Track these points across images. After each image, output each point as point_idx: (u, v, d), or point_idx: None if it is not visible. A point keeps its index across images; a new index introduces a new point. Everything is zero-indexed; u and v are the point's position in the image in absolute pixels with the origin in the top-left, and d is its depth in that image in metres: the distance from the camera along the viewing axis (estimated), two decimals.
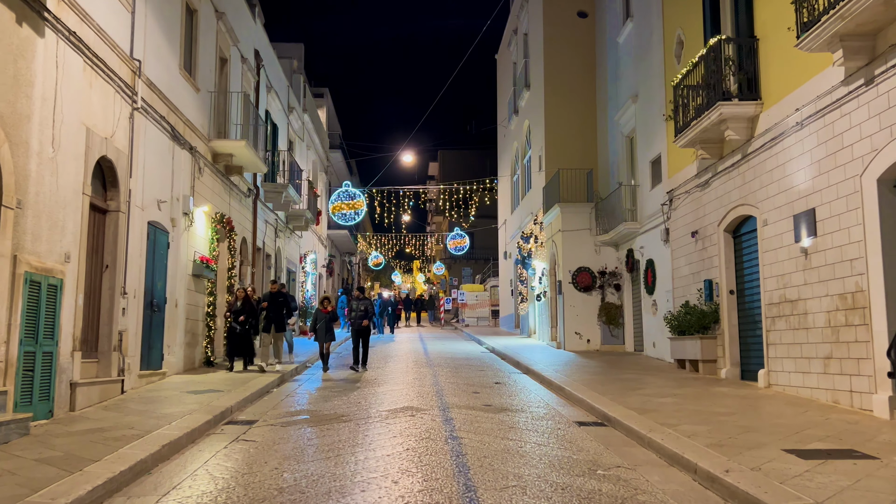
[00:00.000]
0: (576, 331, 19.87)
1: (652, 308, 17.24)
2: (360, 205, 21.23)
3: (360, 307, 15.57)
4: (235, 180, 17.51)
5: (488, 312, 39.35)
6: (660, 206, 16.44)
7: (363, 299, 15.96)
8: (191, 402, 9.88)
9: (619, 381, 12.59)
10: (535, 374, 14.29)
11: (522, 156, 27.96)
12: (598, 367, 15.04)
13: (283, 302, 15.22)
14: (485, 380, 13.71)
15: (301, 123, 27.36)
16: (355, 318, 15.40)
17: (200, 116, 14.79)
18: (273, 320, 14.88)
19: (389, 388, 12.36)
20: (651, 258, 17.26)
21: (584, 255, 20.14)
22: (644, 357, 17.42)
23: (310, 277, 29.67)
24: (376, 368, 15.74)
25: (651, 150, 17.32)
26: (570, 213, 20.25)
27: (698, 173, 14.13)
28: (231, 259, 16.77)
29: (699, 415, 8.89)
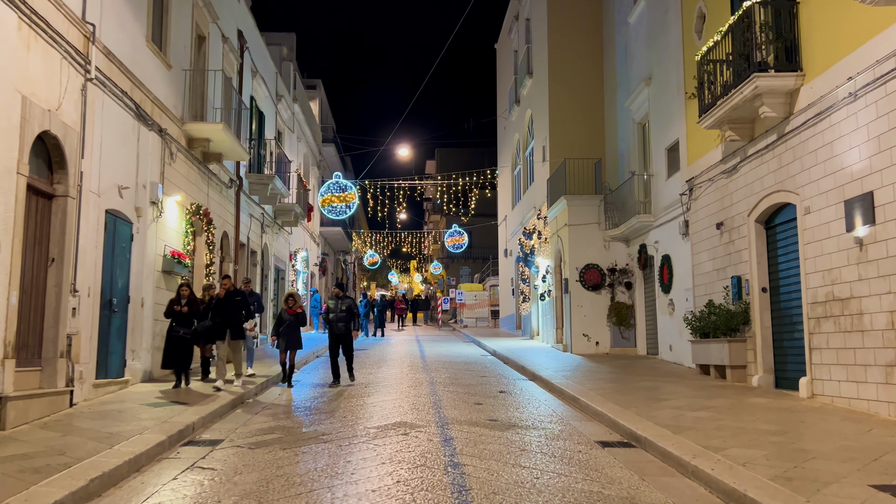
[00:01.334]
0: (583, 332, 18.47)
1: (668, 308, 15.85)
2: (352, 197, 19.81)
3: (340, 308, 13.03)
4: (215, 169, 16.08)
5: (488, 313, 37.96)
6: (677, 197, 15.05)
7: (345, 298, 13.34)
8: (147, 418, 8.46)
9: (639, 389, 11.19)
10: (542, 381, 12.89)
11: (524, 147, 26.56)
12: (611, 373, 13.64)
13: (241, 302, 12.09)
14: (487, 388, 12.31)
15: (291, 113, 25.94)
16: (335, 321, 12.94)
17: (172, 96, 13.37)
18: (228, 325, 11.78)
19: (380, 398, 10.94)
20: (667, 253, 15.87)
21: (593, 252, 18.74)
22: (659, 361, 16.02)
23: (301, 276, 28.24)
24: (367, 374, 14.32)
25: (667, 136, 15.93)
26: (577, 206, 18.85)
27: (724, 158, 12.75)
28: (209, 255, 15.35)
29: (745, 434, 7.49)
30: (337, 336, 12.96)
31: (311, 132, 30.76)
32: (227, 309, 11.88)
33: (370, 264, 48.43)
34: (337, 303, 13.18)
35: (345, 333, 12.92)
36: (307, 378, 13.80)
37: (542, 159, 22.61)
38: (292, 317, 12.48)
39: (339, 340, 12.94)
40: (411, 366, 16.11)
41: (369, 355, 18.96)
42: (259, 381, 12.13)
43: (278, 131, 24.17)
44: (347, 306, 13.07)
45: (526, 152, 26.29)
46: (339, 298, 13.26)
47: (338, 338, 12.95)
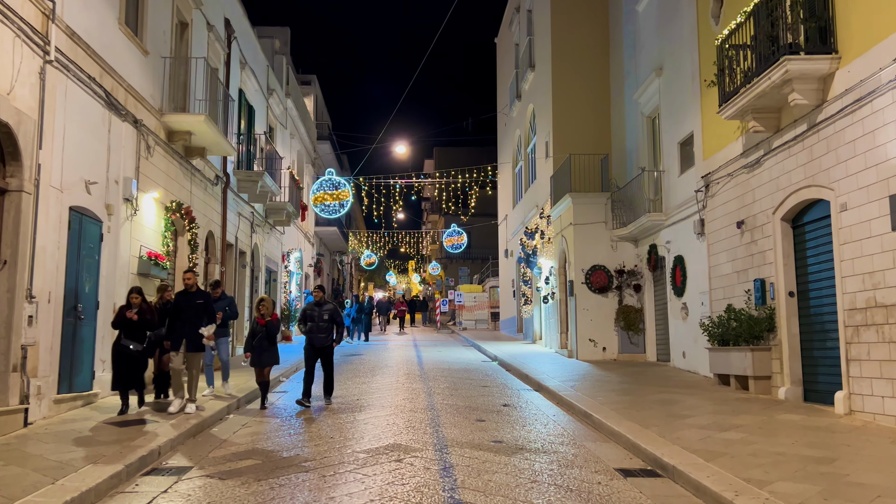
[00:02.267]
0: (590, 337, 17.51)
1: (681, 312, 14.90)
2: (346, 195, 18.81)
3: (321, 315, 10.95)
4: (199, 165, 15.11)
5: (487, 315, 37.00)
6: (691, 194, 14.10)
7: (326, 303, 11.22)
8: (107, 441, 7.49)
9: (656, 403, 10.23)
10: (549, 393, 11.93)
11: (526, 144, 25.60)
12: (622, 383, 12.69)
13: (203, 307, 9.77)
14: (490, 400, 11.34)
15: (283, 108, 24.97)
16: (314, 332, 10.88)
17: (150, 85, 12.40)
18: (184, 334, 9.55)
19: (373, 413, 9.97)
20: (680, 254, 14.92)
21: (599, 252, 17.78)
22: (672, 370, 15.06)
23: (294, 277, 27.25)
24: (360, 384, 13.35)
25: (680, 129, 14.98)
26: (582, 204, 17.89)
27: (745, 151, 11.80)
28: (192, 255, 14.37)
29: (787, 462, 6.54)
30: (316, 349, 10.93)
31: (305, 129, 29.80)
32: (186, 313, 9.66)
33: (367, 265, 47.41)
34: (316, 309, 11.03)
35: (326, 346, 10.93)
36: (295, 389, 12.82)
37: (544, 156, 21.65)
38: (265, 327, 10.63)
39: (318, 354, 10.96)
40: (408, 374, 15.14)
41: (363, 362, 18.00)
42: (241, 395, 11.16)
43: (270, 127, 23.19)
44: (329, 313, 11.00)
45: (528, 149, 25.33)
46: (319, 304, 11.11)
47: (317, 351, 10.94)
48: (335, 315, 11.09)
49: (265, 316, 10.68)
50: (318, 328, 10.87)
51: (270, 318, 10.72)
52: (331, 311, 11.08)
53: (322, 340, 10.88)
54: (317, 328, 10.88)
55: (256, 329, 10.72)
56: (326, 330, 10.91)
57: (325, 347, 10.95)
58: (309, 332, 10.97)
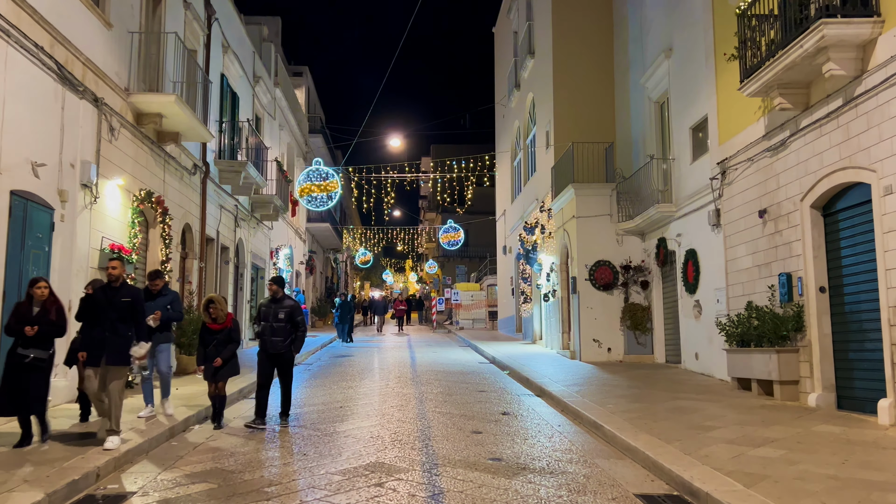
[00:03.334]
0: (594, 337, 16.42)
1: (694, 310, 13.82)
2: (335, 186, 17.66)
3: (276, 314, 8.99)
4: (174, 152, 14.01)
5: (485, 314, 35.89)
6: (705, 183, 13.03)
7: (285, 299, 9.16)
8: (38, 460, 6.39)
9: (674, 412, 9.15)
10: (552, 399, 10.85)
11: (525, 135, 24.51)
12: (632, 388, 11.61)
13: (129, 307, 7.41)
14: (487, 407, 10.25)
15: (272, 98, 23.85)
16: (268, 335, 8.94)
17: (115, 62, 11.29)
18: (101, 345, 7.23)
19: (355, 423, 8.88)
20: (692, 248, 13.84)
21: (604, 247, 16.70)
22: (684, 372, 13.98)
23: (283, 275, 26.13)
24: (346, 388, 12.26)
25: (692, 113, 13.90)
26: (586, 195, 16.80)
27: (767, 133, 10.72)
28: (165, 250, 13.27)
29: (845, 487, 5.46)
30: (271, 357, 8.95)
31: (295, 121, 28.68)
32: (106, 315, 7.29)
33: (362, 263, 46.30)
34: (272, 307, 9.03)
35: (282, 353, 8.95)
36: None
37: (545, 146, 20.57)
38: (218, 333, 8.68)
39: (273, 363, 8.99)
40: (399, 377, 14.05)
41: (352, 364, 16.90)
42: (192, 414, 10.04)
43: (257, 116, 22.08)
44: (287, 313, 8.97)
45: (527, 140, 24.25)
46: (275, 300, 9.08)
47: (272, 359, 8.95)
48: (294, 314, 9.02)
49: (218, 320, 8.70)
50: (272, 330, 8.91)
51: (225, 321, 8.75)
52: (289, 309, 9.01)
53: (277, 345, 8.90)
54: (271, 330, 8.91)
55: (207, 337, 8.73)
56: (283, 332, 8.91)
57: (281, 355, 8.97)
58: (262, 334, 9.01)
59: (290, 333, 9.01)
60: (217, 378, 8.66)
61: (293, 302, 9.23)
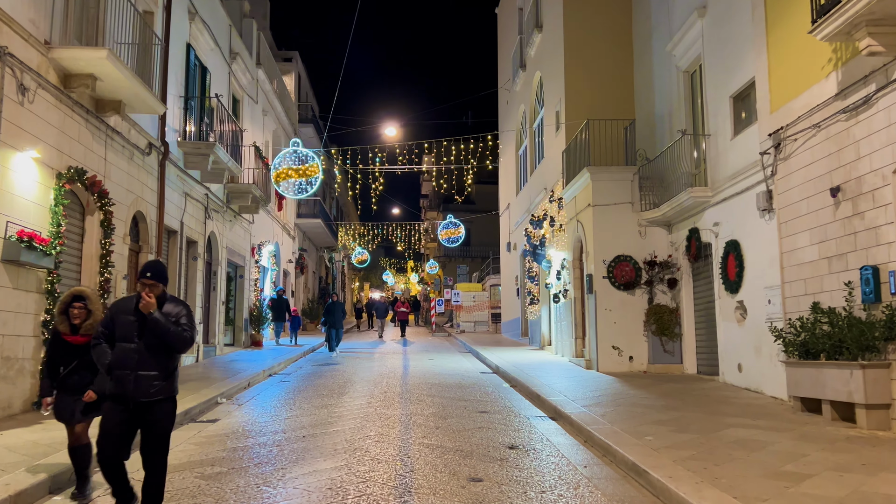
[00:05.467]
0: (613, 344, 14.22)
1: (736, 313, 11.62)
2: (315, 171, 15.39)
3: (132, 329, 4.87)
4: (121, 128, 11.87)
5: (487, 316, 33.69)
6: (753, 160, 10.84)
7: (167, 303, 4.96)
8: None
9: (736, 446, 6.95)
10: (571, 425, 8.67)
11: (532, 119, 22.32)
12: (669, 409, 9.40)
13: None
14: (490, 437, 8.06)
15: (253, 79, 21.68)
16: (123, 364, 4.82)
17: (28, 7, 9.13)
18: None
19: (314, 466, 6.68)
20: (734, 239, 11.64)
21: (624, 240, 14.50)
22: (724, 387, 11.77)
23: (268, 274, 23.98)
24: (319, 408, 10.08)
25: (733, 79, 11.71)
26: (603, 180, 14.60)
27: (842, 91, 8.53)
28: (105, 241, 11.11)
29: None
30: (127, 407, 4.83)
31: (283, 108, 26.51)
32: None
33: (359, 262, 44.08)
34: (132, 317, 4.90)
35: (150, 404, 4.83)
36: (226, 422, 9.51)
37: (554, 129, 18.38)
38: (81, 349, 5.57)
39: (131, 420, 4.87)
40: (385, 391, 11.87)
41: (335, 375, 14.72)
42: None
43: (234, 97, 19.93)
44: (160, 327, 4.80)
45: (533, 126, 22.05)
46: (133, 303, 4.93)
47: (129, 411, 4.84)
48: (183, 318, 4.93)
49: (84, 330, 5.61)
50: (127, 357, 4.80)
51: (88, 337, 5.49)
52: (174, 315, 4.91)
53: (142, 386, 4.78)
54: (126, 358, 4.80)
55: (62, 355, 5.63)
56: (155, 361, 4.83)
57: (150, 407, 4.82)
58: (115, 365, 4.84)
59: (167, 363, 4.88)
60: (75, 420, 5.64)
61: (180, 309, 4.99)
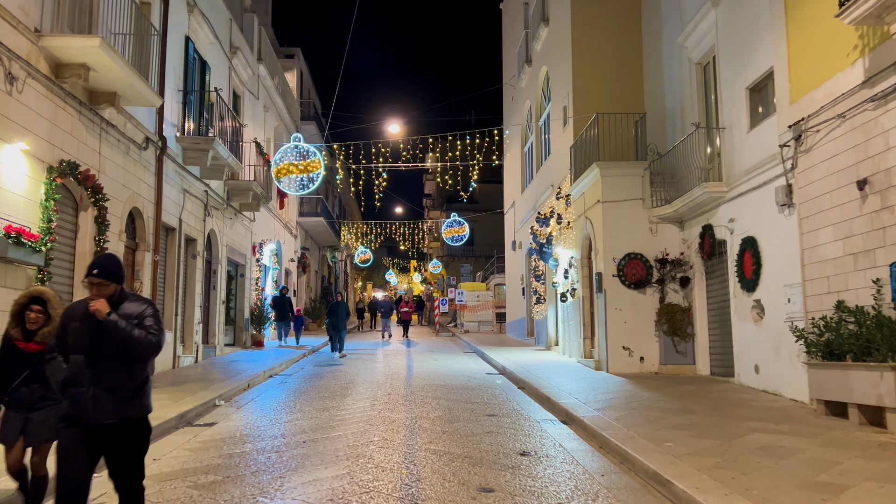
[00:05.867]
0: (623, 344, 13.81)
1: (752, 312, 11.21)
2: (317, 166, 14.99)
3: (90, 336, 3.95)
4: (117, 121, 11.50)
5: (492, 316, 33.28)
6: (770, 153, 10.44)
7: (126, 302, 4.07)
8: None
9: (762, 453, 6.54)
10: (584, 429, 8.27)
11: (538, 115, 21.91)
12: (685, 412, 8.99)
13: None
14: (500, 443, 7.66)
15: (254, 74, 21.31)
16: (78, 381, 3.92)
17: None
18: None
19: (315, 474, 6.29)
20: (750, 235, 11.23)
21: (635, 237, 14.09)
22: (740, 388, 11.36)
23: (270, 273, 23.61)
24: (320, 412, 9.70)
25: (749, 69, 11.30)
26: (613, 176, 14.20)
27: (870, 78, 8.12)
28: (100, 237, 10.74)
29: None
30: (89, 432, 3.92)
31: (285, 105, 26.14)
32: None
33: (361, 262, 43.69)
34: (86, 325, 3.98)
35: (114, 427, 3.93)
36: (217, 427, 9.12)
37: (562, 124, 17.98)
38: (34, 358, 4.87)
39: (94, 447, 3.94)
40: (389, 394, 11.48)
41: (338, 376, 14.34)
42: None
43: (235, 93, 19.57)
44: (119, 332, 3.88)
45: (540, 121, 21.65)
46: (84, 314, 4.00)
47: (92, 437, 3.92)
48: (128, 337, 3.90)
49: (40, 337, 4.90)
50: (81, 372, 3.94)
51: (38, 344, 4.90)
52: (136, 318, 4.00)
53: (98, 405, 3.91)
54: (80, 372, 3.94)
55: (7, 361, 4.92)
56: (118, 376, 3.94)
57: (111, 430, 3.94)
58: (68, 383, 3.97)
59: (131, 376, 3.96)
60: (31, 440, 4.81)
61: (143, 309, 4.07)
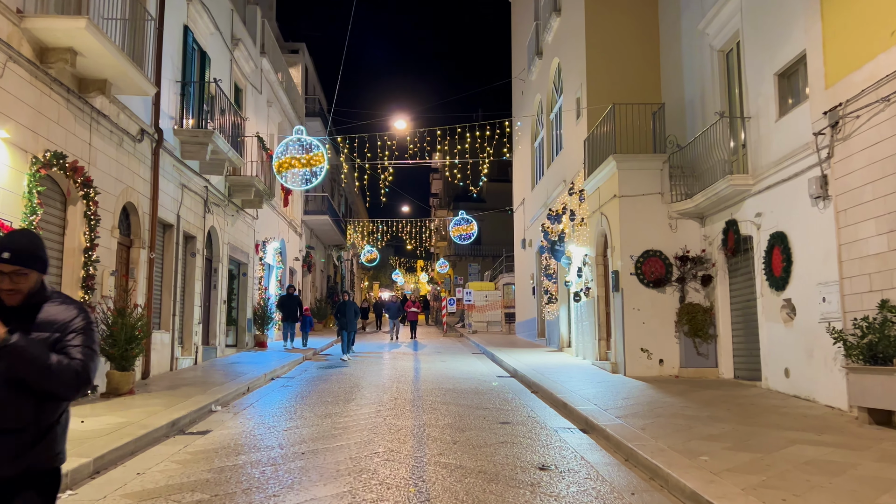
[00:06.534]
0: (641, 346, 13.14)
1: (782, 312, 10.53)
2: (320, 160, 14.33)
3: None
4: (110, 112, 10.93)
5: (501, 316, 32.64)
6: (803, 142, 9.77)
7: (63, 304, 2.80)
8: None
9: (810, 469, 5.89)
10: (607, 439, 7.63)
11: (549, 109, 21.25)
12: (715, 420, 8.33)
13: None
14: (516, 454, 7.02)
15: (256, 68, 20.74)
16: None
17: None
18: None
19: (312, 493, 5.66)
20: (780, 230, 10.55)
21: (653, 233, 13.43)
22: (769, 393, 10.68)
23: (273, 272, 23.04)
24: (323, 418, 9.07)
25: (778, 54, 10.63)
26: (631, 169, 13.54)
27: None
28: (90, 233, 10.15)
29: None
30: None
31: (289, 100, 25.57)
32: None
33: (368, 261, 43.10)
34: None
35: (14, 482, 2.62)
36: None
37: (575, 116, 17.32)
38: None
39: None
40: (395, 398, 10.86)
41: (342, 378, 13.73)
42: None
43: (236, 86, 19.00)
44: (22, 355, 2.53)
45: (551, 115, 20.99)
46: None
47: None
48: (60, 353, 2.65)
49: None
50: None
51: None
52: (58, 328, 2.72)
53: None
54: None
55: None
56: (10, 411, 2.60)
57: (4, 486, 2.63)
58: None
59: (38, 413, 2.66)
60: None
61: (70, 310, 2.79)
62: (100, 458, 6.43)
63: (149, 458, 6.95)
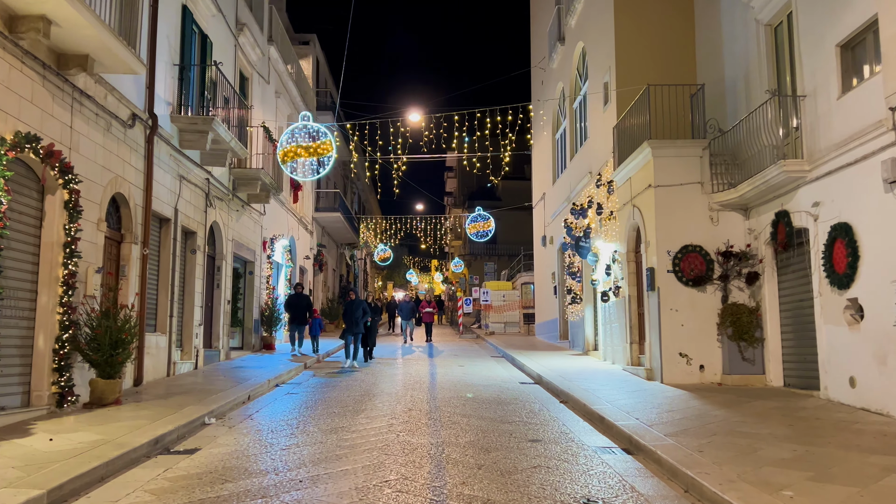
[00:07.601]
0: (680, 351, 11.96)
1: (846, 314, 9.32)
2: (328, 148, 13.19)
3: None
4: (96, 93, 9.90)
5: (519, 316, 31.47)
6: (871, 121, 8.57)
7: None
8: None
9: None
10: (658, 463, 6.49)
11: (572, 98, 20.07)
12: (778, 439, 7.16)
13: None
14: (553, 485, 5.88)
15: (263, 56, 19.74)
16: None
17: None
18: None
19: None
20: (843, 221, 9.34)
21: (693, 227, 12.24)
22: (830, 405, 9.47)
23: (282, 271, 22.03)
24: (328, 434, 7.99)
25: (840, 23, 9.42)
26: (668, 156, 12.36)
27: None
28: (71, 225, 9.13)
29: None
30: None
31: (299, 92, 24.56)
32: None
33: (381, 260, 42.06)
34: None
35: None
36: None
37: (602, 103, 16.15)
38: None
39: None
40: (410, 409, 9.76)
41: (353, 385, 12.65)
42: None
43: (242, 74, 18.00)
44: None
45: (574, 103, 19.82)
46: None
47: None
48: None
49: None
50: None
51: None
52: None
53: None
54: None
55: None
56: None
57: None
58: None
59: None
60: None
61: None
62: (56, 488, 5.38)
63: (119, 485, 5.90)
